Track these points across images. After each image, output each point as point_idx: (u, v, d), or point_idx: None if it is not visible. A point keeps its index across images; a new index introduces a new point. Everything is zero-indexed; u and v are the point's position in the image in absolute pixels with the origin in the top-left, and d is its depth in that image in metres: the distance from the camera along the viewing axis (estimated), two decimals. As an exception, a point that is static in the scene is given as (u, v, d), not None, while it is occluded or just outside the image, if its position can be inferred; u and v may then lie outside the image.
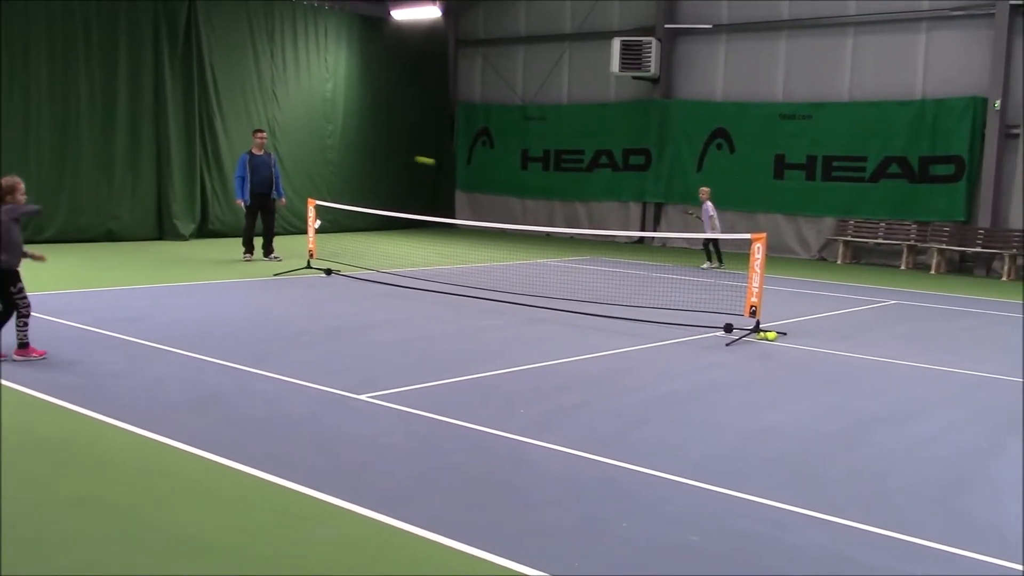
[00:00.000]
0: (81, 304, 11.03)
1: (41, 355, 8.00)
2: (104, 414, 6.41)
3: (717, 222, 18.16)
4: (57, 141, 18.20)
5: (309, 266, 14.95)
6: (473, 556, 4.33)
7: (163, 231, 19.88)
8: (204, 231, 20.54)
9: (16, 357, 7.89)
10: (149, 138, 19.65)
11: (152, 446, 5.83)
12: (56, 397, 6.79)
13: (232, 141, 20.87)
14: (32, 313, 8.04)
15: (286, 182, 19.95)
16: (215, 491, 5.13)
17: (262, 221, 16.49)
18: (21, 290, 7.94)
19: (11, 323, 7.96)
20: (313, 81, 23.36)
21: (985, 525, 5.02)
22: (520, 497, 5.18)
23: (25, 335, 7.93)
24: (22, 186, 7.98)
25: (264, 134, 16.84)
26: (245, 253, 16.42)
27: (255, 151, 16.35)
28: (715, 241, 18.34)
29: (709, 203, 18.10)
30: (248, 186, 16.15)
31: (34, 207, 8.37)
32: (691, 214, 19.72)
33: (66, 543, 4.36)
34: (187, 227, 20.12)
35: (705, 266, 18.37)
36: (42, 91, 17.92)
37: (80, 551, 4.29)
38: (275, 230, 17.01)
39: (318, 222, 15.34)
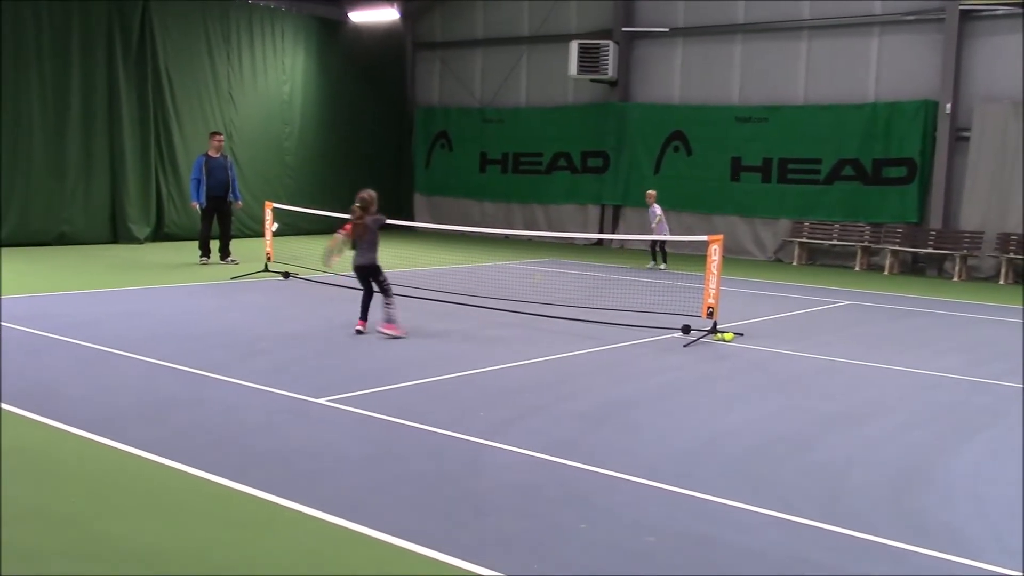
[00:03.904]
0: (33, 309, 10.85)
1: (403, 334, 9.83)
2: (57, 421, 6.32)
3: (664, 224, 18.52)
4: (8, 142, 17.91)
5: (267, 269, 14.85)
6: (432, 559, 4.33)
7: (117, 234, 19.65)
8: (160, 234, 20.34)
9: (382, 330, 9.84)
10: (103, 140, 19.41)
11: (107, 453, 5.76)
12: (7, 404, 6.66)
13: (188, 143, 20.67)
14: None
15: (243, 185, 19.79)
16: (172, 499, 5.07)
17: (218, 224, 16.34)
18: (385, 279, 10.07)
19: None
20: (270, 84, 23.20)
21: (937, 522, 5.10)
22: (478, 500, 5.18)
23: (391, 313, 9.92)
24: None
25: (222, 137, 16.67)
26: (202, 256, 16.26)
27: (211, 154, 16.19)
28: (662, 242, 18.65)
29: (656, 206, 18.43)
30: (204, 189, 15.99)
31: (381, 217, 10.15)
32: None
33: (19, 557, 4.28)
34: (142, 230, 19.90)
35: (650, 266, 18.79)
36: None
37: (34, 565, 4.22)
38: (232, 233, 16.86)
39: (275, 225, 15.24)
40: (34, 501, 4.96)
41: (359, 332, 9.97)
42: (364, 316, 10.10)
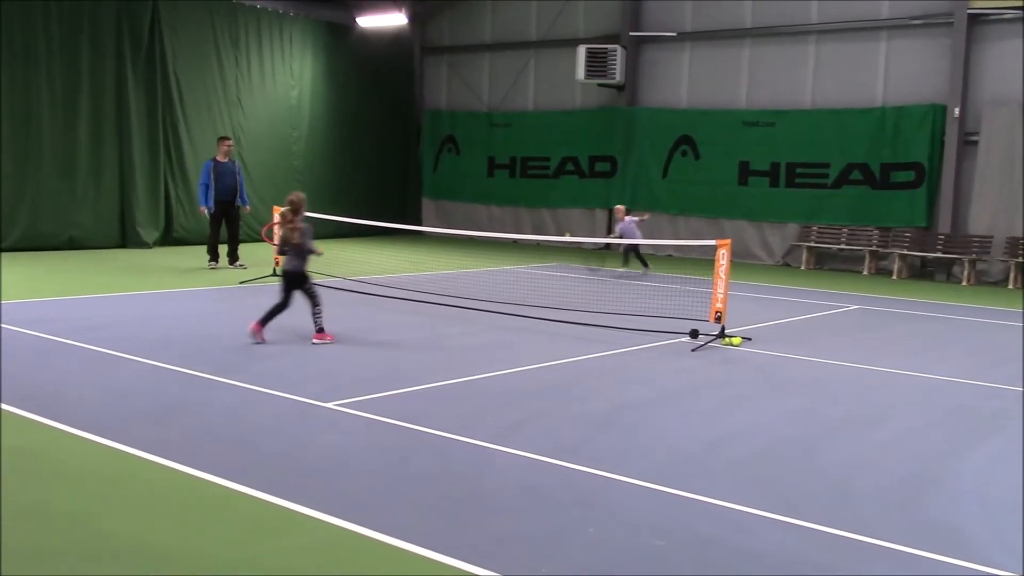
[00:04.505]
0: (42, 313, 10.89)
1: (331, 339, 9.56)
2: (64, 423, 6.34)
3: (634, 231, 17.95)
4: (18, 146, 17.97)
5: (275, 274, 14.86)
6: (439, 562, 4.33)
7: (126, 239, 19.70)
8: (168, 239, 20.39)
9: (315, 340, 9.49)
10: (112, 145, 19.48)
11: (114, 456, 5.78)
12: (15, 407, 6.69)
13: (196, 148, 20.73)
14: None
15: (251, 190, 19.85)
16: (178, 501, 5.09)
17: (227, 229, 16.38)
18: (312, 286, 9.73)
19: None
20: (279, 88, 23.26)
21: (943, 526, 5.10)
22: (485, 503, 5.19)
23: (320, 322, 9.59)
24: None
25: (231, 142, 16.73)
26: (210, 261, 16.31)
27: (220, 158, 16.23)
28: (635, 248, 18.28)
29: (627, 217, 18.12)
30: (212, 193, 16.03)
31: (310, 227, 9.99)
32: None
33: (24, 556, 4.30)
34: (151, 235, 19.95)
35: (642, 271, 17.97)
36: (2, 97, 17.68)
37: (39, 564, 4.24)
38: (240, 238, 16.90)
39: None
40: (40, 501, 4.98)
41: (256, 340, 9.41)
42: (265, 322, 9.50)
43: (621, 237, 17.96)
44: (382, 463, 5.84)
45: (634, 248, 18.28)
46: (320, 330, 9.59)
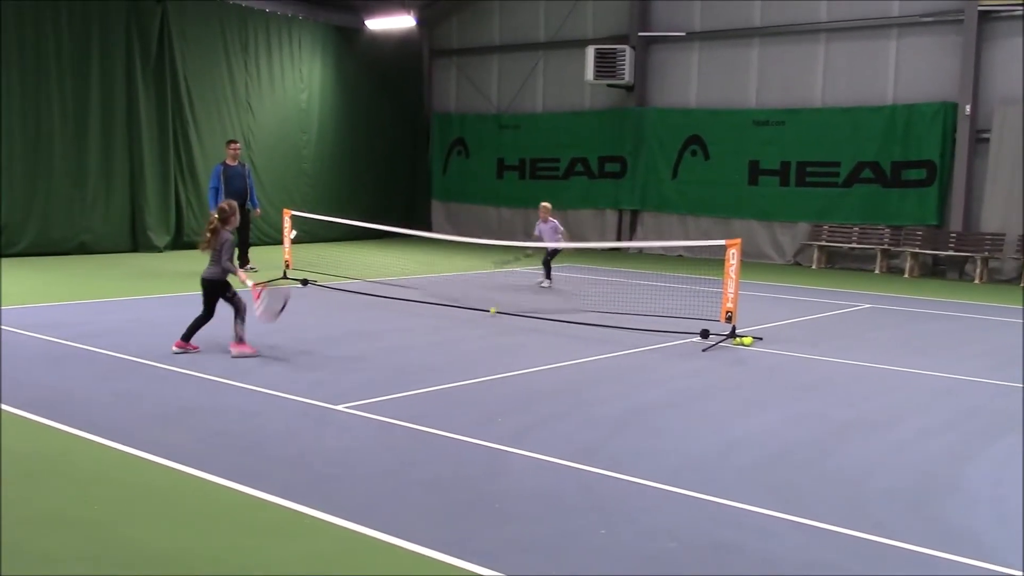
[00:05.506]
0: (53, 318, 10.93)
1: (254, 352, 9.06)
2: (77, 428, 6.35)
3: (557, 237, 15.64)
4: (29, 152, 18.03)
5: (285, 277, 14.90)
6: (451, 566, 4.32)
7: (137, 243, 19.75)
8: (179, 243, 20.41)
9: (232, 351, 8.99)
10: (122, 149, 19.52)
11: (126, 460, 5.78)
12: (28, 411, 6.71)
13: (206, 152, 20.77)
14: (5, 327, 8.00)
15: (261, 193, 19.88)
16: (190, 505, 5.09)
17: (237, 232, 16.33)
18: (235, 295, 9.27)
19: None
20: (288, 92, 23.31)
21: (958, 527, 5.06)
22: (497, 505, 5.17)
23: (241, 332, 9.09)
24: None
25: (238, 145, 16.76)
26: (220, 265, 16.31)
27: (229, 162, 16.27)
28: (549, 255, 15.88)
29: (552, 219, 15.77)
30: (222, 197, 16.04)
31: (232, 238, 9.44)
32: None
33: (37, 562, 4.31)
34: (162, 239, 19.99)
35: (545, 284, 15.62)
36: (13, 102, 17.75)
37: (54, 568, 4.24)
38: (250, 241, 16.93)
39: (294, 233, 15.29)
40: (54, 507, 4.99)
41: (176, 352, 9.04)
42: (187, 338, 9.13)
43: (539, 238, 15.71)
44: (393, 466, 5.83)
45: (548, 255, 15.86)
46: (240, 340, 9.07)
